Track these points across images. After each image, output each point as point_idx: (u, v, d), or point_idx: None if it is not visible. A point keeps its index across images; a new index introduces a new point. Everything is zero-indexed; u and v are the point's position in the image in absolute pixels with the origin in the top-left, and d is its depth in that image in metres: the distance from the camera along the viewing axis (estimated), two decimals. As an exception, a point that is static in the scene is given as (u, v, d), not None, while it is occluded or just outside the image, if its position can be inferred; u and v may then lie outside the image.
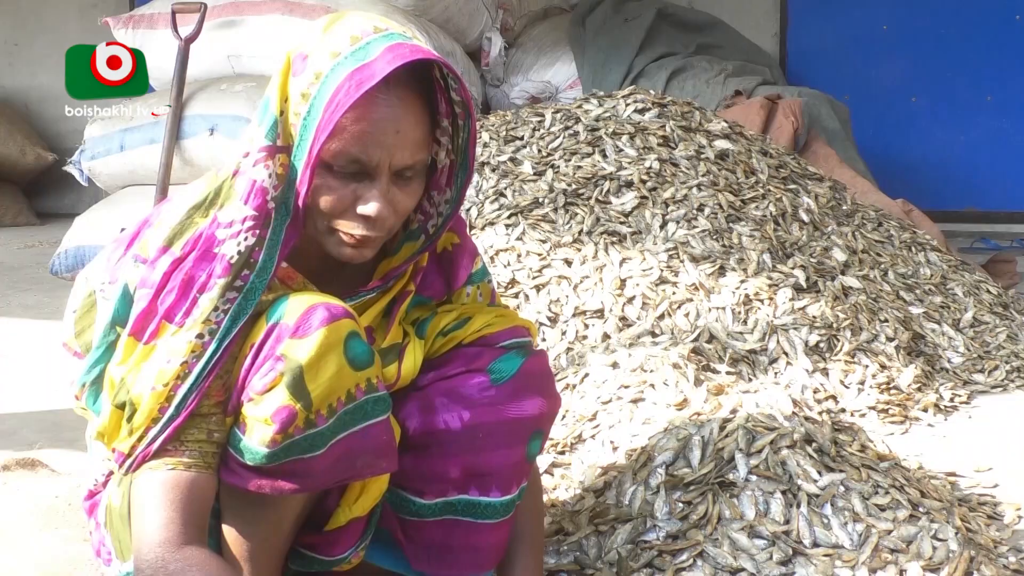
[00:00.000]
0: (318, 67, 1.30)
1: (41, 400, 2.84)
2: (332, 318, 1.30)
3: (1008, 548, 1.86)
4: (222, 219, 1.34)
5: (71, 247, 4.48)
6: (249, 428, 1.30)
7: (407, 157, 1.33)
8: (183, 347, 1.30)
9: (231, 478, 1.34)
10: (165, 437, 1.30)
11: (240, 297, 1.32)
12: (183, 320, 1.31)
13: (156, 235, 1.38)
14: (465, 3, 4.77)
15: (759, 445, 1.84)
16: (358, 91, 1.27)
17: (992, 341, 3.10)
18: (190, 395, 1.30)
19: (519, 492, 1.52)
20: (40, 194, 7.04)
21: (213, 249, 1.32)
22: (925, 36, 5.96)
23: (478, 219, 3.03)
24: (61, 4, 7.23)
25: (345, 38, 1.31)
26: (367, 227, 1.33)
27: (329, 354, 1.29)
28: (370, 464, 1.37)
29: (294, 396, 1.28)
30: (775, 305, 2.74)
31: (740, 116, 4.02)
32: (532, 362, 1.51)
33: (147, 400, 1.30)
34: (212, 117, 4.29)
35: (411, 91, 1.33)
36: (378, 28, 1.33)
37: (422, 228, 1.46)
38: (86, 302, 1.50)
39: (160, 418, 1.30)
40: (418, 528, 1.51)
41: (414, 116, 1.33)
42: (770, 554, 1.67)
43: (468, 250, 1.57)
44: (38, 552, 1.86)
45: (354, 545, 1.47)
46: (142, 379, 1.31)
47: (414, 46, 1.31)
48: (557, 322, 2.68)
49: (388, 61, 1.28)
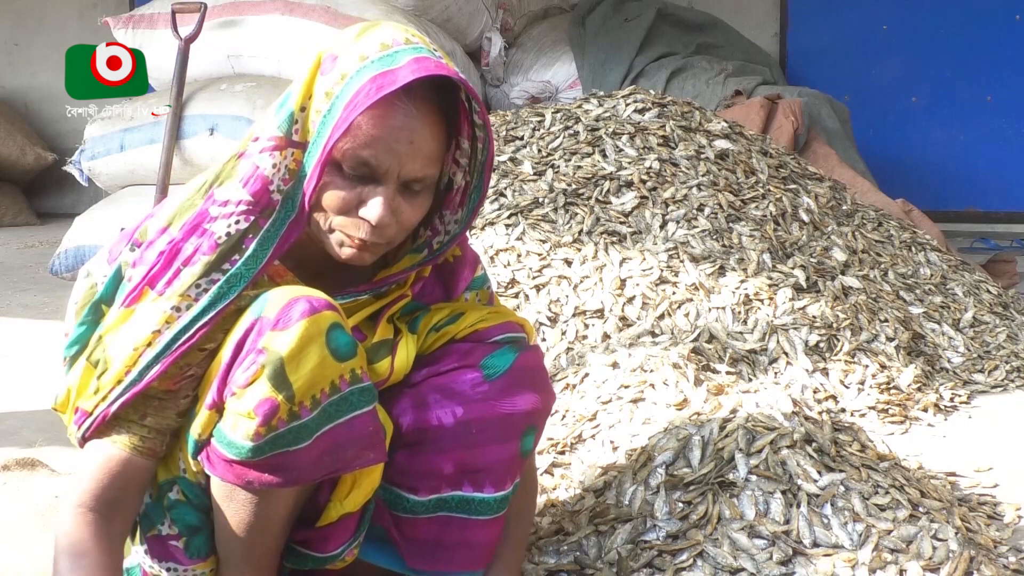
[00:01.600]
0: (345, 68, 1.32)
1: (41, 400, 2.82)
2: (313, 310, 1.30)
3: (1008, 548, 1.86)
4: (218, 197, 1.35)
5: (71, 247, 4.49)
6: (233, 423, 1.30)
7: (417, 169, 1.34)
8: (158, 315, 1.32)
9: (217, 472, 1.34)
10: (123, 401, 1.33)
11: (223, 280, 1.33)
12: (163, 289, 1.33)
13: (156, 221, 1.39)
14: (465, 3, 4.77)
15: (759, 445, 1.84)
16: (378, 94, 1.28)
17: (992, 341, 3.10)
18: (154, 364, 1.32)
19: (513, 488, 1.52)
20: (40, 194, 7.05)
21: (204, 224, 1.34)
22: (925, 36, 5.96)
23: (478, 219, 3.03)
24: (61, 4, 7.24)
25: (376, 44, 1.33)
26: (367, 231, 1.34)
27: (310, 345, 1.29)
28: (358, 455, 1.37)
29: (276, 388, 1.28)
30: (775, 305, 2.75)
31: (740, 116, 4.03)
32: (525, 357, 1.51)
33: (118, 360, 1.33)
34: (212, 117, 4.29)
35: (432, 106, 1.35)
36: (409, 40, 1.35)
37: (427, 243, 1.47)
38: (87, 294, 1.49)
39: (124, 380, 1.33)
40: (412, 525, 1.51)
41: (430, 130, 1.34)
42: (770, 554, 1.67)
43: (469, 261, 1.59)
44: (38, 552, 1.86)
45: (347, 542, 1.47)
46: (118, 340, 1.33)
47: (440, 62, 1.33)
48: (557, 322, 2.68)
49: (412, 71, 1.30)
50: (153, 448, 1.37)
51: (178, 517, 1.42)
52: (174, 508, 1.41)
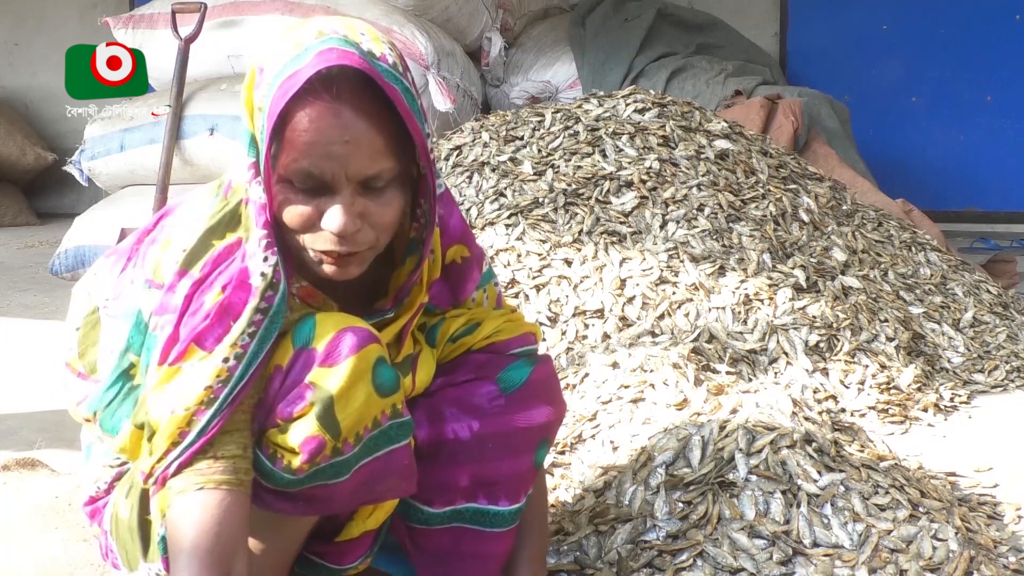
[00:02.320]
0: (267, 77, 1.27)
1: (41, 400, 2.84)
2: (360, 345, 1.28)
3: (1008, 548, 1.86)
4: (250, 250, 1.30)
5: (71, 247, 4.48)
6: (274, 453, 1.28)
7: (365, 166, 1.26)
8: (210, 371, 1.26)
9: (252, 498, 1.31)
10: (182, 461, 1.26)
11: (267, 320, 1.28)
12: (213, 346, 1.27)
13: (169, 258, 1.33)
14: (465, 3, 4.77)
15: (759, 445, 1.84)
16: (284, 99, 1.22)
17: (992, 341, 3.10)
18: (213, 420, 1.26)
19: (526, 500, 1.52)
20: (40, 194, 7.04)
21: (248, 280, 1.28)
22: (925, 36, 5.96)
23: (478, 219, 3.03)
24: (61, 4, 7.23)
25: (290, 45, 1.26)
26: (337, 243, 1.27)
27: (359, 383, 1.27)
28: (391, 487, 1.37)
29: (324, 427, 1.26)
30: (775, 305, 2.74)
31: (740, 116, 4.02)
32: (540, 370, 1.50)
33: (167, 422, 1.26)
34: (212, 117, 4.29)
35: (366, 99, 1.25)
36: (322, 32, 1.27)
37: (418, 239, 1.41)
38: (89, 319, 1.47)
39: (180, 442, 1.26)
40: (426, 536, 1.50)
41: (367, 123, 1.25)
42: (770, 554, 1.67)
43: (477, 261, 1.54)
44: (38, 552, 1.86)
45: (363, 555, 1.47)
46: (163, 400, 1.27)
47: (344, 51, 1.24)
48: (557, 322, 2.68)
49: (314, 66, 1.22)
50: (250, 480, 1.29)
51: None
52: None
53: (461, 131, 3.56)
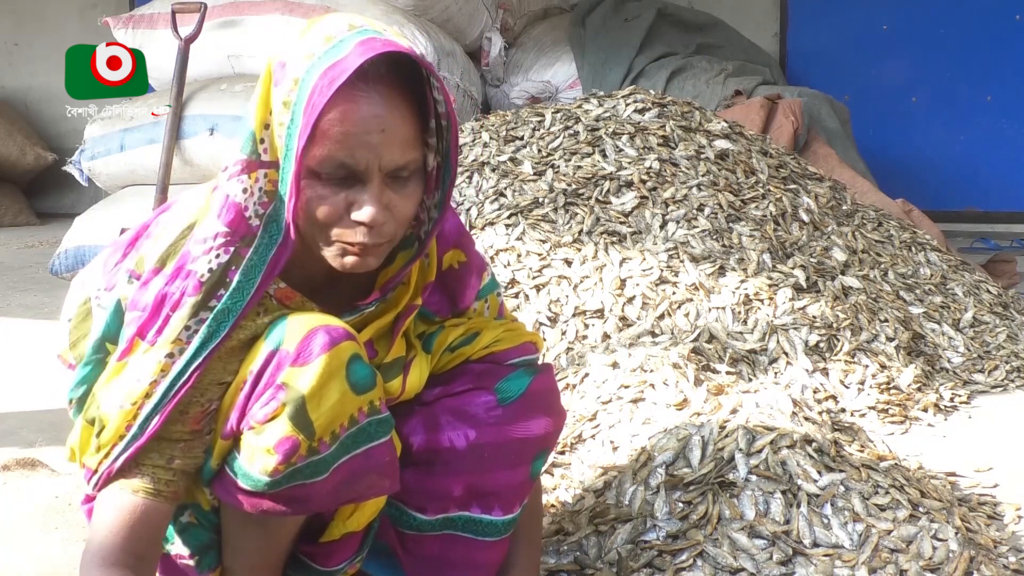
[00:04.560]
0: (295, 72, 1.24)
1: (41, 400, 2.84)
2: (332, 343, 1.27)
3: (1008, 548, 1.86)
4: (197, 235, 1.29)
5: (71, 247, 4.48)
6: (250, 456, 1.28)
7: (397, 156, 1.25)
8: (152, 366, 1.27)
9: (232, 501, 1.32)
10: (127, 456, 1.28)
11: (211, 318, 1.27)
12: (154, 338, 1.27)
13: (152, 252, 1.34)
14: (465, 3, 4.77)
15: (759, 445, 1.84)
16: (331, 88, 1.20)
17: (992, 341, 3.10)
18: (154, 415, 1.27)
19: (521, 510, 1.51)
20: (40, 194, 7.05)
21: (187, 265, 1.28)
22: (925, 36, 5.96)
23: (478, 219, 3.03)
24: (61, 4, 7.24)
25: (320, 39, 1.24)
26: (365, 234, 1.26)
27: (331, 381, 1.26)
28: (373, 485, 1.36)
29: (297, 427, 1.25)
30: (775, 305, 2.75)
31: (740, 116, 4.03)
32: (539, 381, 1.49)
33: (115, 418, 1.28)
34: (212, 117, 4.29)
35: (395, 88, 1.25)
36: (353, 26, 1.25)
37: (415, 235, 1.39)
38: (81, 310, 1.46)
39: (126, 435, 1.28)
40: (417, 542, 1.50)
41: (400, 113, 1.25)
42: (770, 554, 1.67)
43: (475, 268, 1.52)
44: (38, 552, 1.86)
45: (350, 557, 1.47)
46: (111, 396, 1.29)
47: (387, 40, 1.23)
48: (557, 322, 2.68)
49: (360, 54, 1.20)
50: (176, 491, 1.32)
51: (190, 538, 1.41)
52: (186, 531, 1.41)
53: (461, 131, 3.56)
